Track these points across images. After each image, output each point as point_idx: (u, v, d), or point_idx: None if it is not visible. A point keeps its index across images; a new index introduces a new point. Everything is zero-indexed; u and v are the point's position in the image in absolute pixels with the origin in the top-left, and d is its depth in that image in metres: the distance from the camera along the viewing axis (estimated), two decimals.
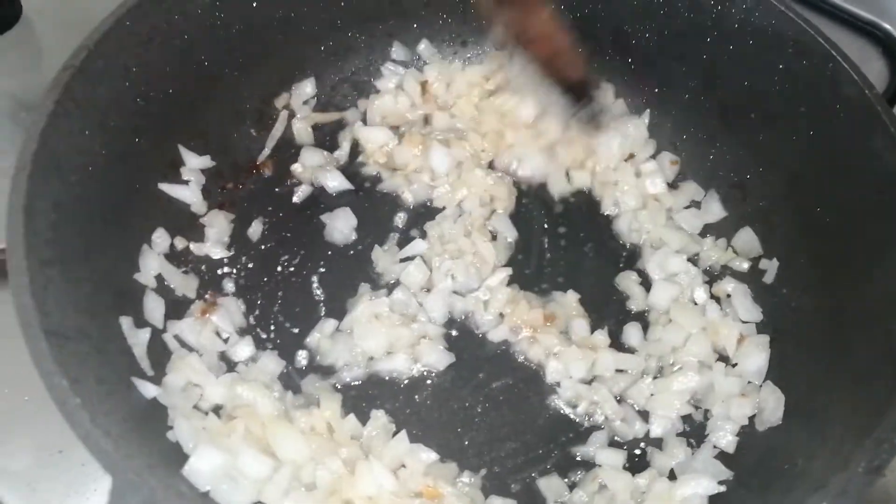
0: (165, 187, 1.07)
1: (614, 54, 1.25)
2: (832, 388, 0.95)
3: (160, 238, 1.04)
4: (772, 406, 1.01)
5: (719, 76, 1.16)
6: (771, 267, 1.12)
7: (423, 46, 1.29)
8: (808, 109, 1.07)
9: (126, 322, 0.93)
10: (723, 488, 0.96)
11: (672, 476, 0.99)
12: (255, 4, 1.11)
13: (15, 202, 0.79)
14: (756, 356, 1.06)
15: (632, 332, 1.10)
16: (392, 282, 1.11)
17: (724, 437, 1.01)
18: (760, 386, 1.04)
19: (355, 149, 1.24)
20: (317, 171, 1.20)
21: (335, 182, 1.19)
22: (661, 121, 1.25)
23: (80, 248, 0.87)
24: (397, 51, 1.29)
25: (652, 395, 1.04)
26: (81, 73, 0.89)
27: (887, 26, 1.46)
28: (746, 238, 1.16)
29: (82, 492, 0.94)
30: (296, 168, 1.20)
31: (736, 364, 1.07)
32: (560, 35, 1.01)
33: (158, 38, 1.00)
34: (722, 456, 1.00)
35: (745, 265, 1.15)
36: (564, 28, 1.00)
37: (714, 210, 1.20)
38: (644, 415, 1.04)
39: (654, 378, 1.06)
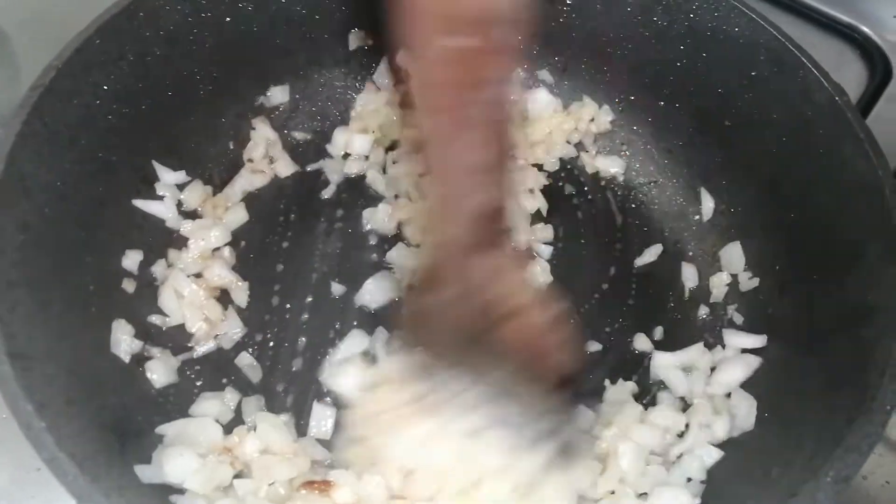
0: (140, 203, 1.06)
1: (589, 62, 1.25)
2: (806, 395, 0.94)
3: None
4: (744, 412, 1.01)
5: (693, 83, 1.16)
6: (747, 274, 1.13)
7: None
8: (780, 116, 1.07)
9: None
10: (697, 501, 0.95)
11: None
12: (227, 20, 1.11)
13: None
14: (735, 370, 1.05)
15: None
16: None
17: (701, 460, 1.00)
18: (729, 395, 1.04)
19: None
20: None
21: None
22: (637, 127, 1.26)
23: (49, 268, 0.86)
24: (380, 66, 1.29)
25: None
26: (50, 92, 0.89)
27: (866, 29, 1.47)
28: (734, 253, 1.15)
29: None
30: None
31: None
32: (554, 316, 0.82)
33: (129, 56, 1.00)
34: None
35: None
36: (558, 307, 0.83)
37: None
38: None
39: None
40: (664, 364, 1.08)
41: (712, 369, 1.07)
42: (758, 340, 1.07)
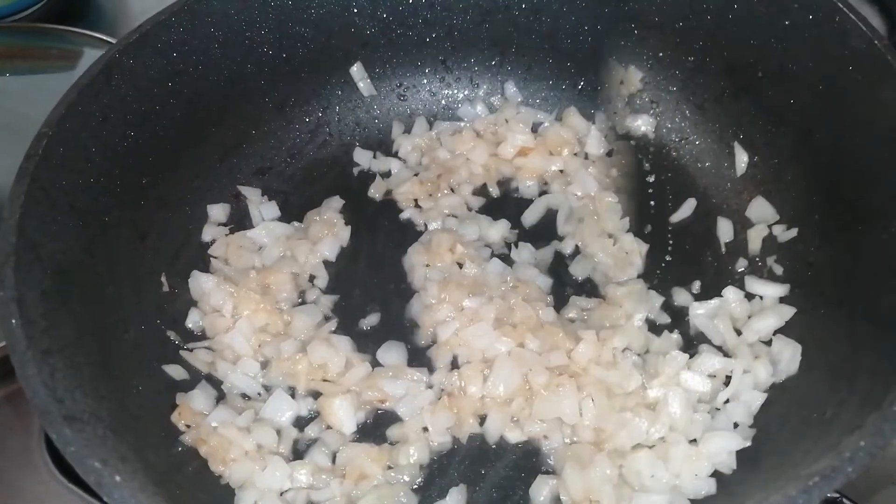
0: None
1: (617, 21, 1.22)
2: (855, 337, 0.96)
3: None
4: (787, 357, 1.02)
5: (724, 36, 1.15)
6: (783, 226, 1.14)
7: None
8: (815, 64, 1.06)
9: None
10: (748, 443, 0.97)
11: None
12: (200, 68, 1.11)
13: (5, 295, 0.78)
14: (768, 319, 1.07)
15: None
16: None
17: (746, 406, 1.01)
18: (770, 342, 1.06)
19: None
20: None
21: None
22: (667, 84, 1.24)
23: (72, 334, 0.86)
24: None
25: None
26: (44, 160, 0.88)
27: None
28: (761, 207, 1.16)
29: None
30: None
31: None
32: None
33: (113, 116, 1.00)
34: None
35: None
36: None
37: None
38: None
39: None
40: (702, 312, 1.09)
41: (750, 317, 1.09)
42: (780, 290, 1.10)
